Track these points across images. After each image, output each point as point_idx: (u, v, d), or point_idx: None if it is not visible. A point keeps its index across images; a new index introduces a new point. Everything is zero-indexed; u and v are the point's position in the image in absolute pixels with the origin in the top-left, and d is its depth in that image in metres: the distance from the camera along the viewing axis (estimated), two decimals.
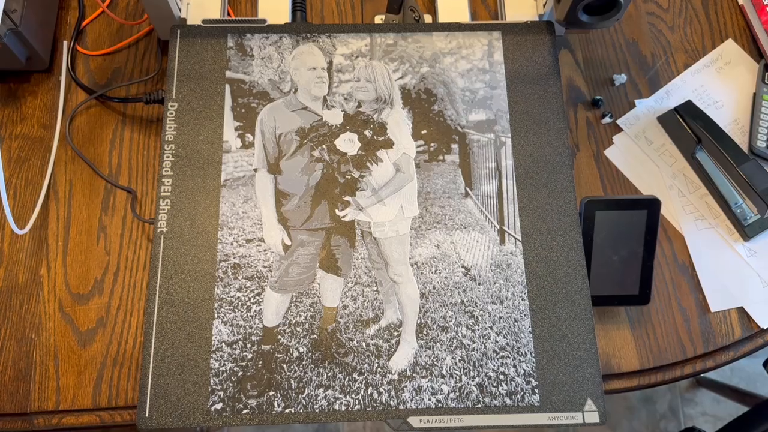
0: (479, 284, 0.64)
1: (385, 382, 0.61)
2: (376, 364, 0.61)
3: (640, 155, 0.77)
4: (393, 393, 0.60)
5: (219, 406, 0.60)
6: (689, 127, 0.76)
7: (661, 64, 0.82)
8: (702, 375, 1.49)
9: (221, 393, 0.61)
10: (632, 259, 0.68)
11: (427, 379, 0.61)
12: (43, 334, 0.68)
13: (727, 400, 1.40)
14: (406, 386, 0.61)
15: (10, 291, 0.70)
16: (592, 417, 0.60)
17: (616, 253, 0.67)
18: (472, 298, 0.64)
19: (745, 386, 1.41)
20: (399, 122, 0.70)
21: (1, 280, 0.71)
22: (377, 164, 0.68)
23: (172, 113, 0.70)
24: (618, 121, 0.79)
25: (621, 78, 0.80)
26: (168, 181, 0.67)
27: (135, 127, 0.77)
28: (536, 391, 0.61)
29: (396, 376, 0.61)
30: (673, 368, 0.70)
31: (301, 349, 0.62)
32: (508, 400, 0.60)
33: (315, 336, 0.63)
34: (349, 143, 0.68)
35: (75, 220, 0.73)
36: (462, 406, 0.60)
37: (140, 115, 0.77)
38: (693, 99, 0.78)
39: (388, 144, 0.69)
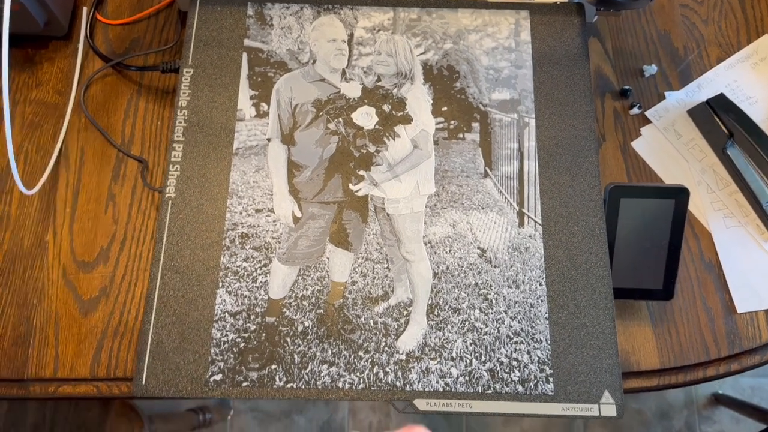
0: (495, 267, 0.62)
1: (391, 362, 0.58)
2: (384, 343, 0.59)
3: (669, 148, 0.74)
4: (399, 373, 0.58)
5: (218, 377, 0.58)
6: (721, 120, 0.73)
7: (693, 57, 0.79)
8: (721, 393, 1.44)
9: (221, 364, 0.58)
10: (657, 251, 0.64)
11: (435, 361, 0.58)
12: (44, 301, 0.67)
13: (747, 419, 1.34)
14: (413, 367, 0.58)
15: (15, 255, 0.69)
16: (609, 410, 0.57)
17: (640, 244, 0.64)
18: (486, 280, 0.61)
19: (767, 405, 1.36)
20: (419, 98, 0.68)
21: (6, 244, 0.69)
22: (394, 140, 0.66)
23: (187, 79, 0.68)
24: (647, 113, 0.76)
25: (651, 69, 0.77)
26: (179, 147, 0.66)
27: (150, 97, 0.75)
28: (550, 379, 0.58)
29: (403, 357, 0.59)
30: (695, 369, 0.67)
31: (306, 324, 0.60)
32: (520, 388, 0.57)
33: (321, 311, 0.60)
34: (366, 117, 0.66)
35: (84, 188, 0.71)
36: (471, 391, 0.57)
37: (156, 86, 0.76)
38: (726, 94, 0.75)
39: (407, 120, 0.67)
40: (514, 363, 0.58)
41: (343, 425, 1.45)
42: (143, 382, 0.58)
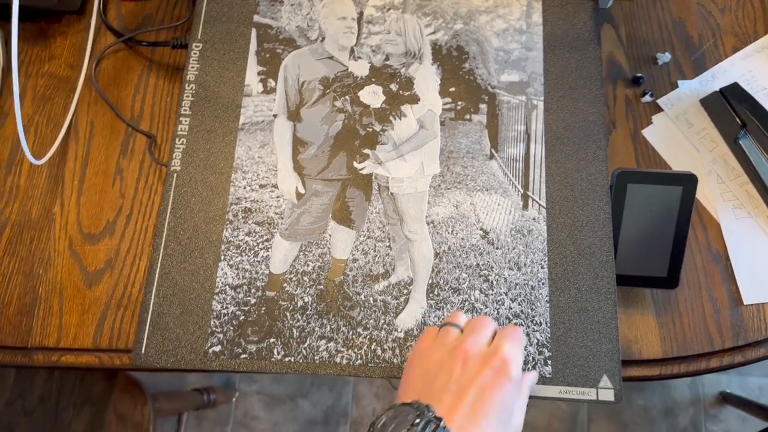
0: (497, 248, 0.61)
1: (390, 339, 0.58)
2: (383, 321, 0.59)
3: (680, 137, 0.74)
4: (397, 351, 0.58)
5: (217, 348, 0.58)
6: (734, 110, 0.72)
7: (708, 46, 0.78)
8: (728, 391, 1.43)
9: (221, 336, 0.59)
10: (662, 239, 0.64)
11: None
12: (50, 271, 0.67)
13: (754, 418, 1.33)
14: (411, 345, 0.58)
15: (23, 225, 0.69)
16: (607, 395, 0.57)
17: (646, 231, 0.64)
18: (488, 261, 0.61)
19: None
20: (427, 78, 0.67)
21: (15, 214, 0.70)
22: (400, 119, 0.66)
23: (195, 53, 0.68)
24: (658, 101, 0.75)
25: (665, 57, 0.76)
26: (186, 121, 0.66)
27: (161, 73, 0.76)
28: (549, 362, 0.58)
29: (402, 335, 0.58)
30: (698, 360, 0.66)
31: (306, 299, 0.60)
32: None
33: (321, 287, 0.60)
34: (373, 96, 0.66)
35: (93, 161, 0.72)
36: None
37: (167, 62, 0.76)
38: (740, 84, 0.74)
39: (414, 99, 0.66)
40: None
41: (347, 410, 1.46)
42: (143, 352, 0.59)
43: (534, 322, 0.59)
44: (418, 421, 0.44)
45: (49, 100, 0.75)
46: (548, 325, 0.59)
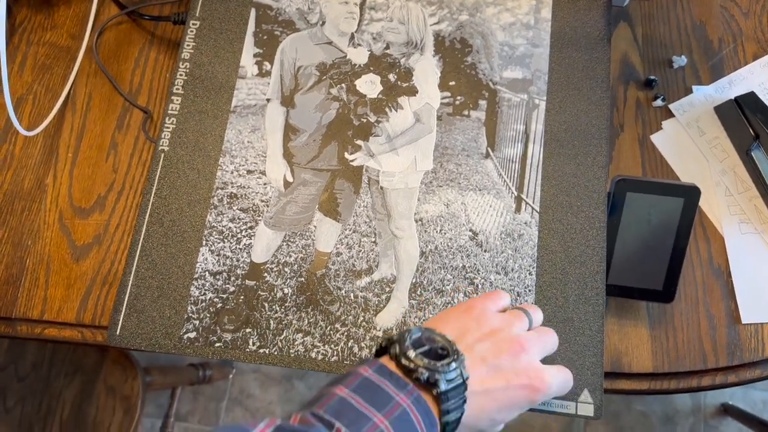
0: (485, 251, 0.60)
1: (368, 338, 0.57)
2: (362, 318, 0.58)
3: (690, 145, 0.71)
4: (374, 349, 0.56)
5: (192, 335, 0.57)
6: (748, 121, 0.69)
7: (727, 51, 0.75)
8: (731, 403, 1.40)
9: (196, 322, 0.58)
10: (660, 251, 0.61)
11: None
12: (39, 243, 0.67)
13: None
14: None
15: (14, 195, 0.69)
16: (586, 409, 0.55)
17: (643, 242, 0.61)
18: (475, 264, 0.59)
19: None
20: (427, 70, 0.65)
21: (7, 183, 0.70)
22: (396, 111, 0.64)
23: (192, 31, 0.67)
24: (670, 106, 0.72)
25: (681, 60, 0.73)
26: (177, 100, 0.65)
27: (161, 48, 0.74)
28: None
29: (380, 333, 0.57)
30: (689, 377, 0.64)
31: (286, 290, 0.59)
32: None
33: (302, 279, 0.59)
34: (370, 85, 0.64)
35: (88, 134, 0.71)
36: None
37: (168, 37, 0.75)
38: (758, 93, 0.71)
39: (412, 91, 0.64)
40: None
41: None
42: (117, 333, 0.58)
43: None
44: (455, 366, 0.44)
45: (48, 70, 0.74)
46: None
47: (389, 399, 0.42)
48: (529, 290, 0.58)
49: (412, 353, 0.44)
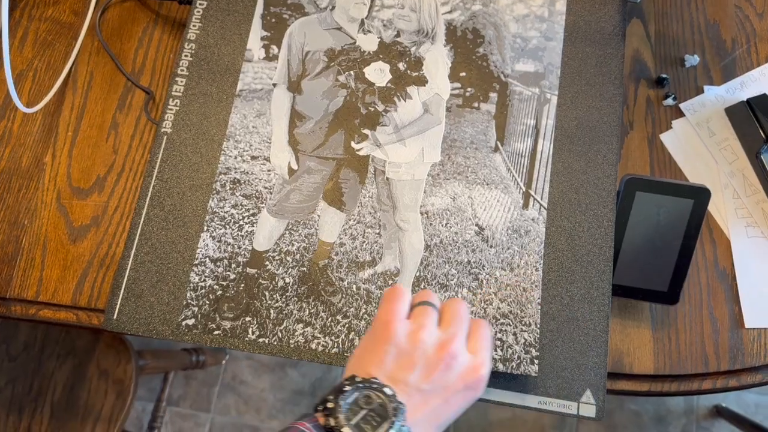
0: (491, 246, 0.59)
1: None
2: (364, 310, 0.57)
3: (699, 146, 0.70)
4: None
5: (191, 321, 0.56)
6: (759, 123, 0.68)
7: (740, 52, 0.74)
8: (724, 405, 1.40)
9: (195, 309, 0.57)
10: (667, 253, 0.61)
11: None
12: (35, 222, 0.66)
13: None
14: None
15: (12, 173, 0.68)
16: (588, 410, 0.54)
17: (650, 242, 0.61)
18: (480, 259, 0.58)
19: None
20: (437, 60, 0.64)
21: (4, 161, 0.68)
22: (405, 101, 0.62)
23: (199, 12, 0.65)
24: (681, 105, 0.71)
25: (693, 59, 0.72)
26: (181, 81, 0.63)
27: (166, 28, 0.73)
28: (535, 361, 0.55)
29: None
30: (690, 380, 0.64)
31: (288, 280, 0.58)
32: (500, 366, 0.55)
33: (304, 269, 0.58)
34: (379, 73, 0.63)
35: (89, 113, 0.70)
36: None
37: (173, 17, 0.73)
38: None
39: (421, 81, 0.63)
40: (497, 343, 0.56)
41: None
42: (114, 317, 0.57)
43: (522, 322, 0.56)
44: (394, 419, 0.43)
45: (50, 46, 0.73)
46: (537, 326, 0.56)
47: None
48: (536, 286, 0.57)
49: (347, 430, 0.43)
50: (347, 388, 0.45)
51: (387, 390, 0.45)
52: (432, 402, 0.46)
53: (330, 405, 0.44)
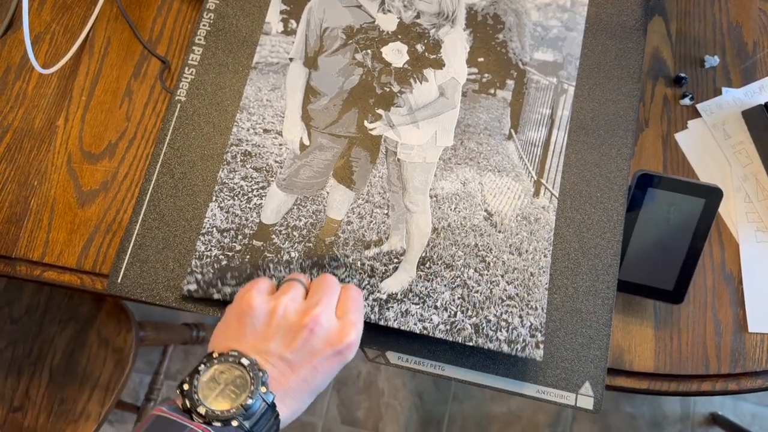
0: (499, 231, 0.59)
1: (371, 299, 0.56)
2: (366, 282, 0.57)
3: (714, 147, 0.69)
4: (377, 309, 0.55)
5: (193, 287, 0.56)
6: None
7: (762, 55, 0.73)
8: (720, 414, 1.39)
9: (199, 276, 0.57)
10: (675, 251, 0.60)
11: (418, 306, 0.56)
12: (45, 184, 0.66)
13: None
14: (392, 306, 0.56)
15: (24, 134, 0.68)
16: (586, 402, 0.54)
17: (659, 240, 0.60)
18: (488, 243, 0.58)
19: None
20: (456, 43, 0.64)
21: (18, 121, 0.68)
22: (421, 83, 0.62)
23: None
24: (698, 106, 0.71)
25: (713, 60, 0.72)
26: (198, 51, 0.63)
27: None
28: (540, 346, 0.55)
29: (384, 296, 0.56)
30: (689, 381, 0.63)
31: (293, 254, 0.58)
32: (505, 347, 0.54)
33: (310, 244, 0.58)
34: (396, 54, 0.63)
35: (104, 78, 0.70)
36: (451, 339, 0.55)
37: None
38: None
39: (438, 64, 0.63)
40: (503, 324, 0.55)
41: None
42: (119, 281, 0.57)
43: (529, 306, 0.56)
44: (253, 401, 0.43)
45: (68, 10, 0.72)
46: (544, 310, 0.56)
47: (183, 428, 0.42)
48: (544, 271, 0.57)
49: (203, 409, 0.43)
50: (202, 366, 0.45)
51: (244, 360, 0.45)
52: (299, 369, 0.46)
53: (185, 387, 0.44)
